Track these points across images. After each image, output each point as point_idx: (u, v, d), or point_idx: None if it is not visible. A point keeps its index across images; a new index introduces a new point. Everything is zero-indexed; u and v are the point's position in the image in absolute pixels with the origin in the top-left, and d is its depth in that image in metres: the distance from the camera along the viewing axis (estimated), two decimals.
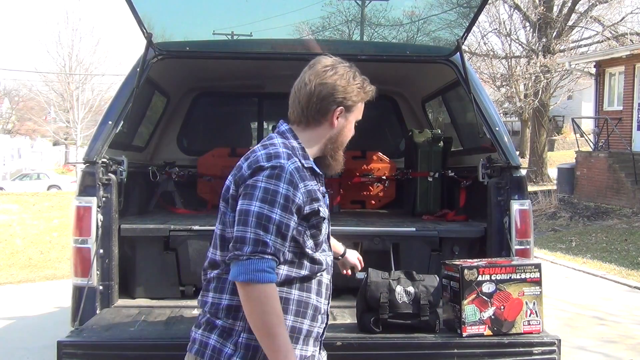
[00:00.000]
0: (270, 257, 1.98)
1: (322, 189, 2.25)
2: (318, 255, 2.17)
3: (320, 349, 2.27)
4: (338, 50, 4.45)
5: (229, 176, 2.16)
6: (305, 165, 2.14)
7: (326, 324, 2.28)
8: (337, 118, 2.22)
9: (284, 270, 2.09)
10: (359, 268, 2.88)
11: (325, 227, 2.20)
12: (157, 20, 3.82)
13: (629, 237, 12.15)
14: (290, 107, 2.25)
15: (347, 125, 2.27)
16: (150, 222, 4.01)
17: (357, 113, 2.29)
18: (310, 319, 2.15)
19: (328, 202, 2.33)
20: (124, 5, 3.41)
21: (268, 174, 2.03)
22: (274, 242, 2.00)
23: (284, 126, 2.25)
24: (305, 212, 2.09)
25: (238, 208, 2.03)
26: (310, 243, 2.13)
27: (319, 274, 2.20)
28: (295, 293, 2.12)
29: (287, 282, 2.11)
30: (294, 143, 2.18)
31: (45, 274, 9.60)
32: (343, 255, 2.85)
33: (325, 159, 2.28)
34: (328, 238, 2.30)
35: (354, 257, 2.88)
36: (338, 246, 2.83)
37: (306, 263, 2.14)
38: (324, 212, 2.18)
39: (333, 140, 2.25)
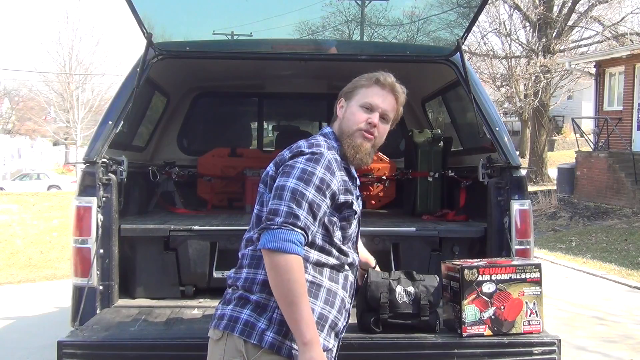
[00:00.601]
0: (299, 230, 2.05)
1: (357, 191, 2.34)
2: (345, 248, 2.26)
3: (338, 347, 2.31)
4: (338, 50, 4.47)
5: (270, 163, 2.27)
6: (342, 164, 2.26)
7: (347, 322, 2.33)
8: (339, 109, 2.42)
9: (314, 255, 2.17)
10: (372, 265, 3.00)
11: (355, 224, 2.30)
12: (157, 20, 3.82)
13: (629, 237, 12.15)
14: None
15: (345, 112, 2.42)
16: (150, 222, 4.01)
17: (360, 97, 2.43)
18: (337, 311, 2.22)
19: (361, 205, 2.41)
20: (124, 5, 3.41)
21: (308, 157, 2.15)
22: (305, 218, 2.07)
23: (327, 129, 2.38)
24: (339, 200, 2.18)
25: (275, 184, 2.13)
26: (338, 234, 2.22)
27: (346, 268, 2.27)
28: (325, 281, 2.19)
29: (319, 266, 2.18)
30: (335, 144, 2.29)
31: (45, 274, 9.60)
32: (374, 268, 2.99)
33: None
34: (356, 238, 2.39)
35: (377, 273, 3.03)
36: (371, 259, 2.96)
37: (335, 252, 2.22)
38: (357, 207, 2.28)
39: (342, 128, 2.39)
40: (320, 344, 2.08)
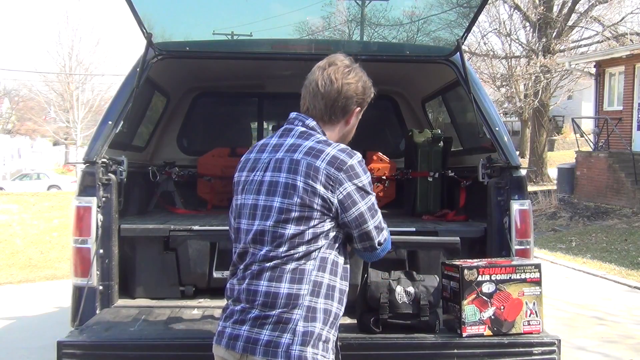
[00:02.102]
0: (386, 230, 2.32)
1: None
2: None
3: (337, 335, 2.35)
4: (338, 51, 4.46)
5: (295, 175, 2.14)
6: None
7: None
8: (354, 117, 2.34)
9: (332, 255, 2.20)
10: None
11: None
12: (157, 20, 3.82)
13: (629, 237, 12.15)
14: (309, 102, 2.29)
15: (356, 123, 2.39)
16: (150, 222, 4.01)
17: (362, 112, 2.41)
18: (343, 306, 2.26)
19: None
20: (124, 5, 3.41)
21: (358, 167, 2.19)
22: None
23: (311, 121, 2.28)
24: None
25: (364, 208, 2.19)
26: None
27: (348, 260, 2.32)
28: (338, 281, 2.22)
29: (334, 266, 2.20)
30: (326, 138, 2.29)
31: (45, 274, 9.60)
32: None
33: None
34: None
35: None
36: None
37: (343, 250, 2.27)
38: None
39: (344, 136, 2.37)
40: (330, 339, 2.19)
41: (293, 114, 2.31)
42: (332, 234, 2.18)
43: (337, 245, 2.21)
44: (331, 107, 2.26)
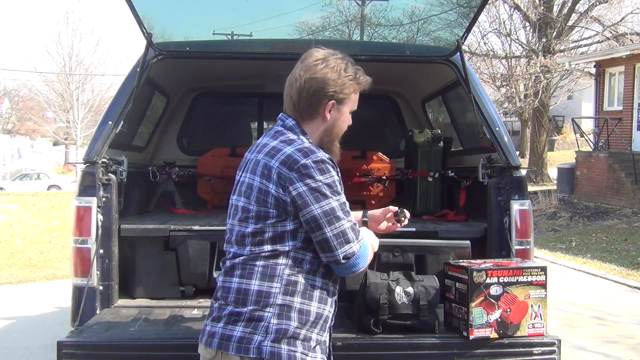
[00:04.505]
0: (357, 239, 2.18)
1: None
2: None
3: (330, 335, 2.32)
4: (338, 51, 4.46)
5: (253, 175, 2.17)
6: (332, 159, 2.22)
7: (336, 310, 2.33)
8: (330, 111, 2.25)
9: (309, 256, 2.17)
10: (395, 209, 2.68)
11: None
12: (157, 20, 3.81)
13: (629, 237, 12.15)
14: (284, 101, 2.29)
15: (340, 117, 2.29)
16: (150, 222, 4.01)
17: (351, 104, 2.31)
18: (329, 305, 2.23)
19: None
20: (124, 5, 3.41)
21: (315, 168, 2.10)
22: (350, 221, 2.19)
23: (290, 121, 2.26)
24: None
25: (317, 212, 2.10)
26: None
27: None
28: (319, 279, 2.20)
29: (314, 267, 2.18)
30: (306, 140, 2.23)
31: (45, 274, 9.59)
32: (366, 217, 2.72)
33: (325, 150, 2.29)
34: None
35: (379, 210, 2.76)
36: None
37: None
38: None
39: (328, 132, 2.29)
40: (314, 339, 2.16)
41: (280, 114, 2.31)
42: (302, 234, 2.14)
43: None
44: (298, 104, 2.24)
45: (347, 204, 2.20)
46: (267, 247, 2.14)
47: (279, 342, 2.09)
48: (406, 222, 2.66)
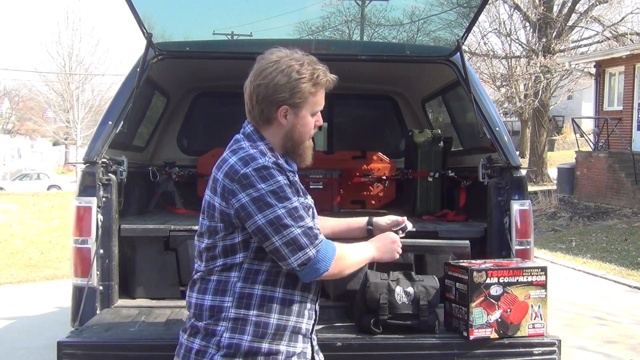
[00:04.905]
0: (318, 233, 2.10)
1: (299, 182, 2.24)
2: None
3: (313, 347, 2.28)
4: (338, 51, 4.47)
5: (207, 190, 2.19)
6: (280, 163, 2.13)
7: (315, 319, 2.29)
8: (285, 117, 2.15)
9: (266, 266, 2.12)
10: (402, 220, 2.58)
11: (310, 217, 2.16)
12: (157, 20, 3.82)
13: (629, 237, 12.15)
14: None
15: (299, 122, 2.18)
16: (150, 222, 4.01)
17: (312, 106, 2.19)
18: (296, 315, 2.17)
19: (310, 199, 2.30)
20: (124, 5, 3.41)
21: (256, 176, 2.02)
22: (314, 223, 2.12)
23: (248, 127, 2.23)
24: None
25: (262, 222, 2.01)
26: None
27: None
28: (279, 290, 2.13)
29: (274, 276, 2.13)
30: (262, 146, 2.15)
31: (45, 274, 9.60)
32: (371, 224, 2.61)
33: (290, 155, 2.25)
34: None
35: (387, 220, 2.63)
36: (354, 222, 2.66)
37: None
38: (304, 201, 2.17)
39: (289, 137, 2.19)
40: (283, 352, 2.12)
41: (245, 122, 2.26)
42: (254, 244, 2.09)
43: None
44: (252, 110, 2.19)
45: (301, 207, 2.07)
46: (219, 262, 2.12)
47: (230, 357, 2.07)
48: (402, 234, 2.60)
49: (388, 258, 2.40)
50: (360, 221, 2.62)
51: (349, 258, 2.21)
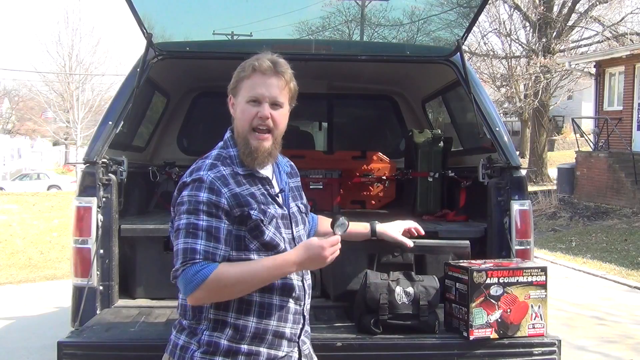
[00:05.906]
0: (199, 261, 2.06)
1: (271, 190, 2.24)
2: (274, 254, 2.16)
3: (301, 352, 2.28)
4: (338, 51, 4.47)
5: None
6: (241, 172, 2.19)
7: (303, 324, 2.28)
8: (232, 106, 2.33)
9: None
10: (409, 245, 2.81)
11: (270, 230, 2.16)
12: (157, 20, 3.82)
13: (629, 237, 12.16)
14: None
15: (238, 108, 2.29)
16: (150, 222, 4.01)
17: (246, 90, 2.26)
18: (277, 319, 2.18)
19: (285, 201, 2.29)
20: (124, 5, 3.41)
21: (190, 187, 2.15)
22: (205, 247, 2.07)
23: (227, 133, 2.35)
24: (235, 214, 2.12)
25: (177, 224, 2.17)
26: (255, 245, 2.15)
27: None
28: (256, 294, 2.15)
29: None
30: (232, 152, 2.25)
31: (45, 274, 9.60)
32: (374, 234, 2.76)
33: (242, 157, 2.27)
34: (293, 239, 2.26)
35: (395, 230, 2.86)
36: (359, 227, 2.78)
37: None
38: (257, 214, 2.14)
39: (237, 132, 2.31)
40: (264, 354, 2.15)
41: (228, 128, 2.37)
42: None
43: (251, 256, 2.13)
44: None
45: (207, 227, 2.08)
46: None
47: (210, 355, 2.13)
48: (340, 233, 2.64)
49: (316, 266, 2.22)
50: (364, 227, 2.76)
51: (230, 282, 2.07)
